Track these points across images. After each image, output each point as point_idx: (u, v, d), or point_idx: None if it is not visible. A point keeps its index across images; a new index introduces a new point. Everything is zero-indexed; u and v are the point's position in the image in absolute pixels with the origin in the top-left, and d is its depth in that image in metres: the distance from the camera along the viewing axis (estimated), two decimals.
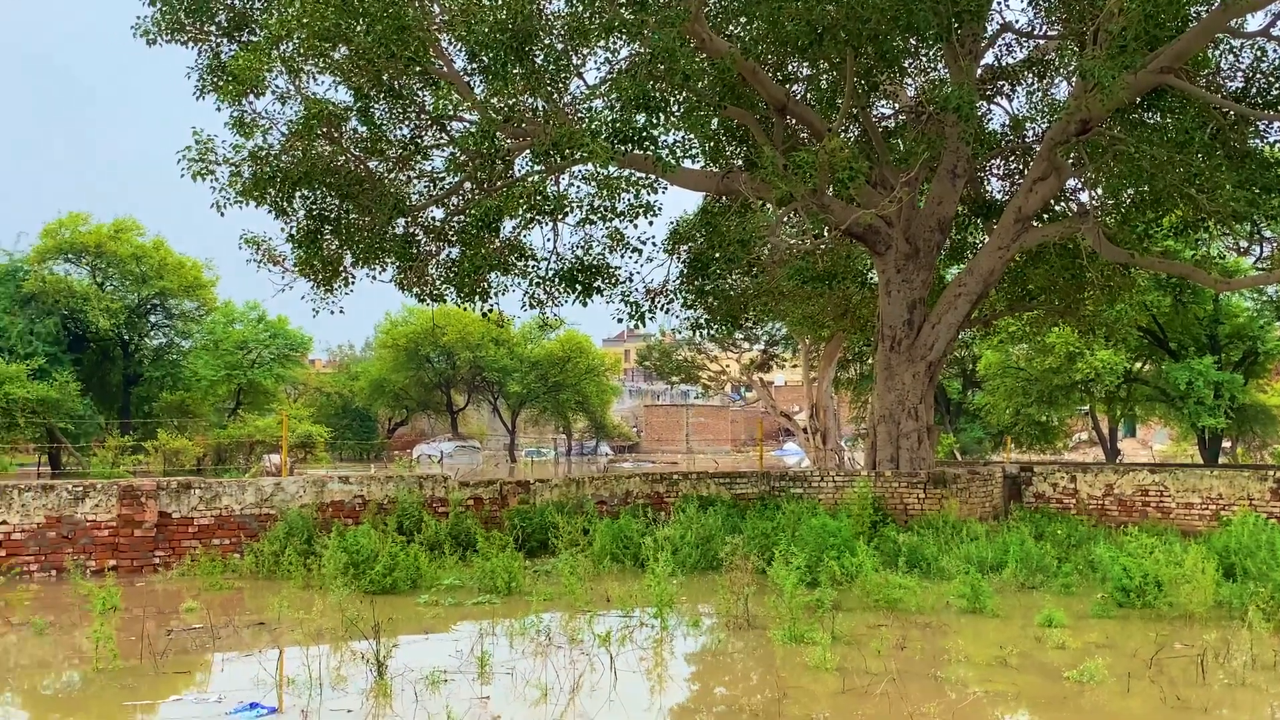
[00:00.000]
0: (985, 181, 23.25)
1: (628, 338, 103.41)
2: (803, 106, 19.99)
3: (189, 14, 18.96)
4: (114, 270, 44.58)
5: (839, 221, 18.73)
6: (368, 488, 17.30)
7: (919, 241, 20.19)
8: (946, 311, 20.18)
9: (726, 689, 9.12)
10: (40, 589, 14.20)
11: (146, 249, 44.73)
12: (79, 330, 43.66)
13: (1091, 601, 12.39)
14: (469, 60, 18.46)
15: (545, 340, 62.47)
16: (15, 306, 41.77)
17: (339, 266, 20.13)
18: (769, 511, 17.26)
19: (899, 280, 20.17)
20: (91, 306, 42.51)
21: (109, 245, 43.75)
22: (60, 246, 43.82)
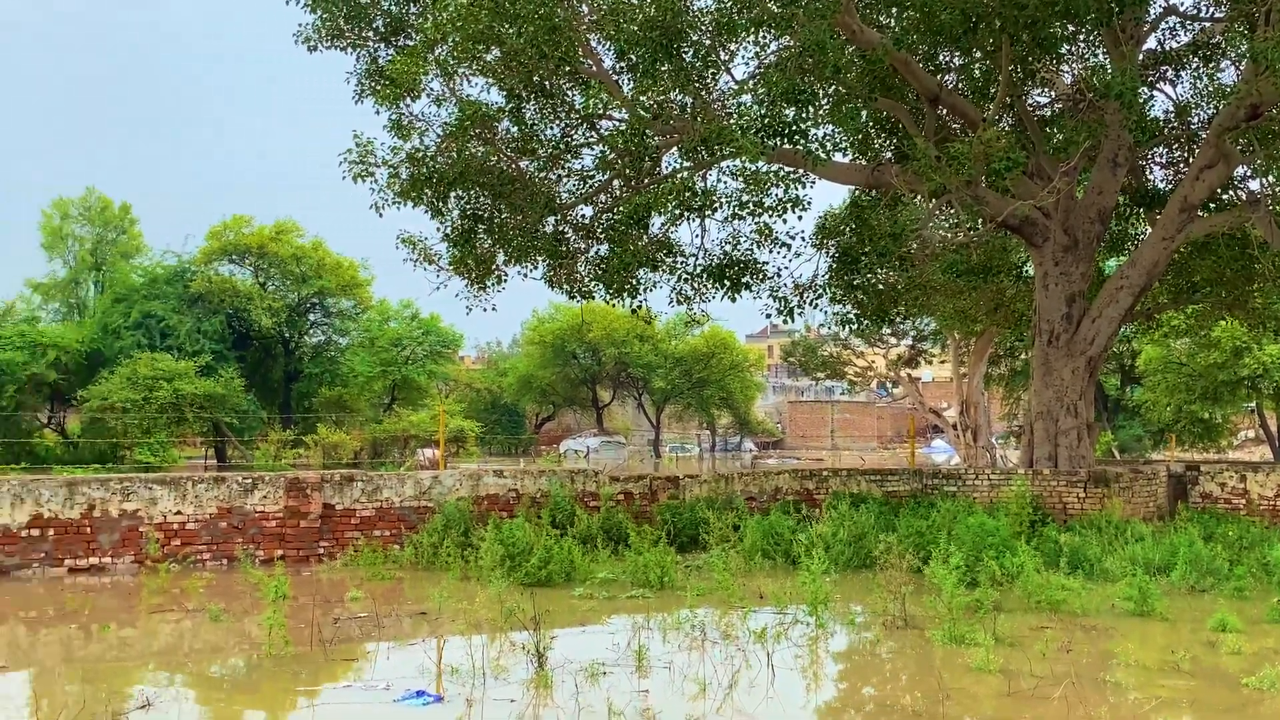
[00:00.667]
0: (1147, 170, 22.39)
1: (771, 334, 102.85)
2: (956, 96, 19.58)
3: (348, 20, 19.54)
4: (275, 270, 46.31)
5: (994, 213, 18.28)
6: (521, 481, 17.61)
7: (1078, 233, 19.55)
8: (1107, 305, 19.51)
9: (885, 689, 9.00)
10: (213, 576, 14.85)
11: (306, 249, 46.33)
12: (243, 328, 45.47)
13: (1267, 606, 11.86)
14: (617, 59, 18.61)
15: (689, 336, 62.54)
16: (184, 306, 43.70)
17: (492, 265, 20.51)
18: (923, 510, 16.95)
19: (1057, 273, 19.57)
20: (254, 305, 44.23)
21: (270, 246, 45.46)
22: (225, 248, 45.71)
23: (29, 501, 14.91)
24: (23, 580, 14.50)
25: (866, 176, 19.76)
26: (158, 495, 15.54)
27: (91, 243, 50.58)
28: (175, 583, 13.92)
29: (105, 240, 50.75)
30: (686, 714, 8.00)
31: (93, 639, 11.20)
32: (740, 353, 65.72)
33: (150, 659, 10.40)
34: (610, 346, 61.08)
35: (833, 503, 17.15)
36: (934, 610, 11.18)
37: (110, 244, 50.70)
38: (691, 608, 11.49)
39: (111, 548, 15.22)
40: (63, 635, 11.38)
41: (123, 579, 14.79)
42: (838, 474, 19.47)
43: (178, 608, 12.65)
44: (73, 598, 13.14)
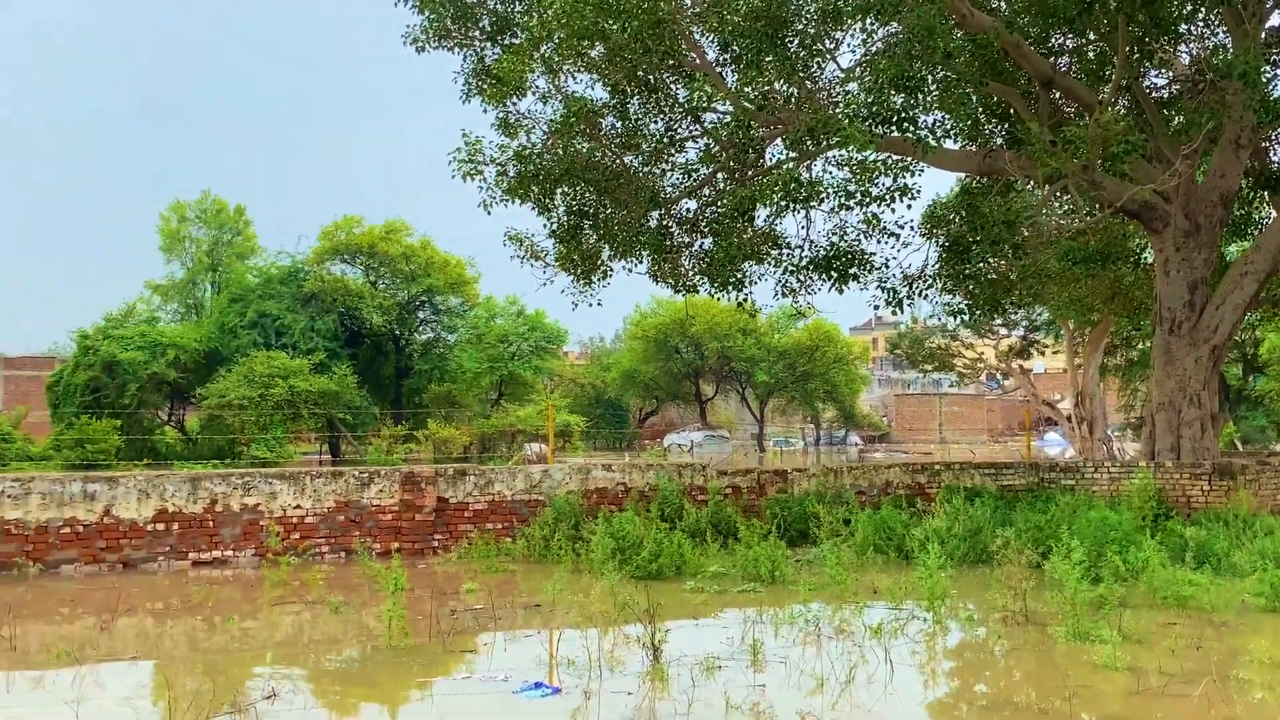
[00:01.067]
0: (1271, 152, 21.57)
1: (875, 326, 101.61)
2: (1069, 80, 19.09)
3: (455, 20, 19.79)
4: (385, 269, 47.18)
5: (1112, 198, 17.79)
6: (629, 475, 17.65)
7: (1200, 218, 18.92)
8: (1231, 292, 18.85)
9: (1008, 686, 8.81)
10: (331, 569, 15.16)
11: (415, 248, 47.11)
12: (355, 326, 46.41)
13: None
14: (721, 50, 18.53)
15: (793, 330, 62.10)
16: (297, 305, 44.76)
17: (597, 260, 20.59)
18: (1040, 504, 16.57)
19: (1178, 259, 18.96)
20: (366, 304, 45.12)
21: (380, 245, 46.32)
22: (336, 248, 46.72)
23: (154, 496, 15.40)
24: (149, 573, 14.99)
25: (977, 163, 19.38)
26: (277, 490, 15.93)
27: (208, 244, 52.10)
28: (295, 575, 14.24)
29: (221, 242, 52.23)
30: (804, 709, 7.92)
31: (217, 630, 11.51)
32: (845, 345, 65.05)
33: (273, 650, 10.65)
34: (713, 340, 60.93)
35: (946, 497, 16.85)
36: (1056, 606, 10.91)
37: (226, 245, 52.18)
38: (804, 602, 11.37)
39: (233, 541, 15.65)
40: (188, 627, 11.71)
41: (244, 571, 15.19)
42: (950, 467, 19.14)
43: (298, 600, 12.93)
44: (197, 590, 13.54)
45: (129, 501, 15.24)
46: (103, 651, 10.26)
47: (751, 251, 19.73)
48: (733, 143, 18.27)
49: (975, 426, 78.93)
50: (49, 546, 14.85)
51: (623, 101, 19.07)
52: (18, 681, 8.93)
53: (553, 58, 18.15)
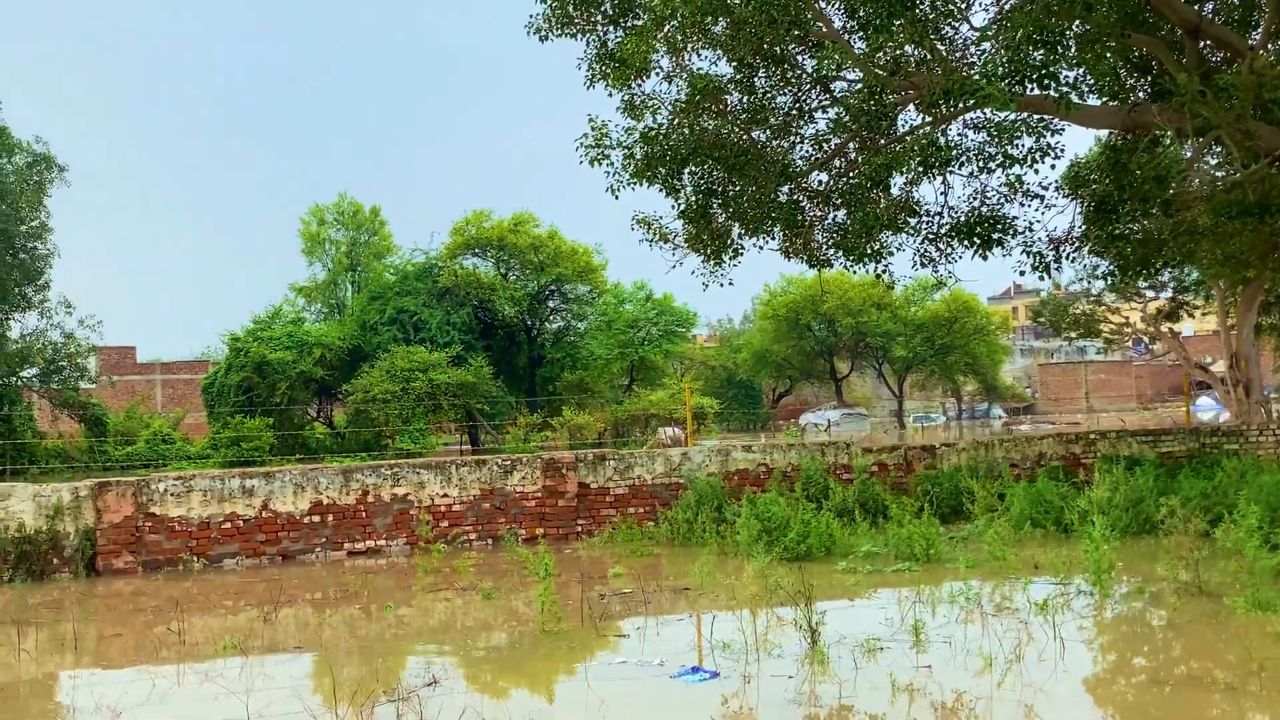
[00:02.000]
0: None
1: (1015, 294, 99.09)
2: (1217, 26, 18.10)
3: (577, 7, 19.71)
4: (515, 261, 47.70)
5: (1269, 147, 16.82)
6: (770, 456, 17.42)
7: None
8: None
9: (1188, 661, 8.35)
10: (480, 556, 15.31)
11: (542, 239, 47.51)
12: (488, 319, 47.07)
13: None
14: (848, 17, 18.11)
15: (930, 301, 60.87)
16: (433, 300, 45.57)
17: (727, 239, 20.35)
18: (1204, 470, 15.83)
19: None
20: (498, 296, 45.71)
21: (509, 238, 46.84)
22: (467, 242, 47.41)
23: (309, 490, 15.76)
24: (307, 564, 15.35)
25: (1122, 119, 18.53)
26: (425, 479, 16.16)
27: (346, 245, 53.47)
28: (446, 562, 14.41)
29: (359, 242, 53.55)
30: (973, 689, 7.63)
31: (374, 618, 11.67)
32: (984, 315, 63.53)
33: (430, 637, 10.76)
34: (846, 316, 60.13)
35: (1104, 466, 16.21)
36: (1230, 576, 10.37)
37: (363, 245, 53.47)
38: (963, 580, 11.01)
39: (385, 530, 15.93)
40: (346, 616, 11.92)
41: (397, 560, 15.45)
42: (1106, 436, 18.43)
43: (450, 586, 13.07)
44: (353, 579, 13.80)
45: (285, 495, 15.63)
46: (266, 642, 10.49)
47: (888, 221, 19.26)
48: (864, 111, 17.81)
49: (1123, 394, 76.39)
50: (211, 541, 15.32)
51: (748, 76, 18.78)
52: (188, 674, 9.17)
53: (676, 36, 17.94)
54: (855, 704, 7.43)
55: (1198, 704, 7.22)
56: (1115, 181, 18.99)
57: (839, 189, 20.01)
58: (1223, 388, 36.43)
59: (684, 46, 18.47)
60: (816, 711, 7.41)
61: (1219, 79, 15.46)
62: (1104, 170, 19.65)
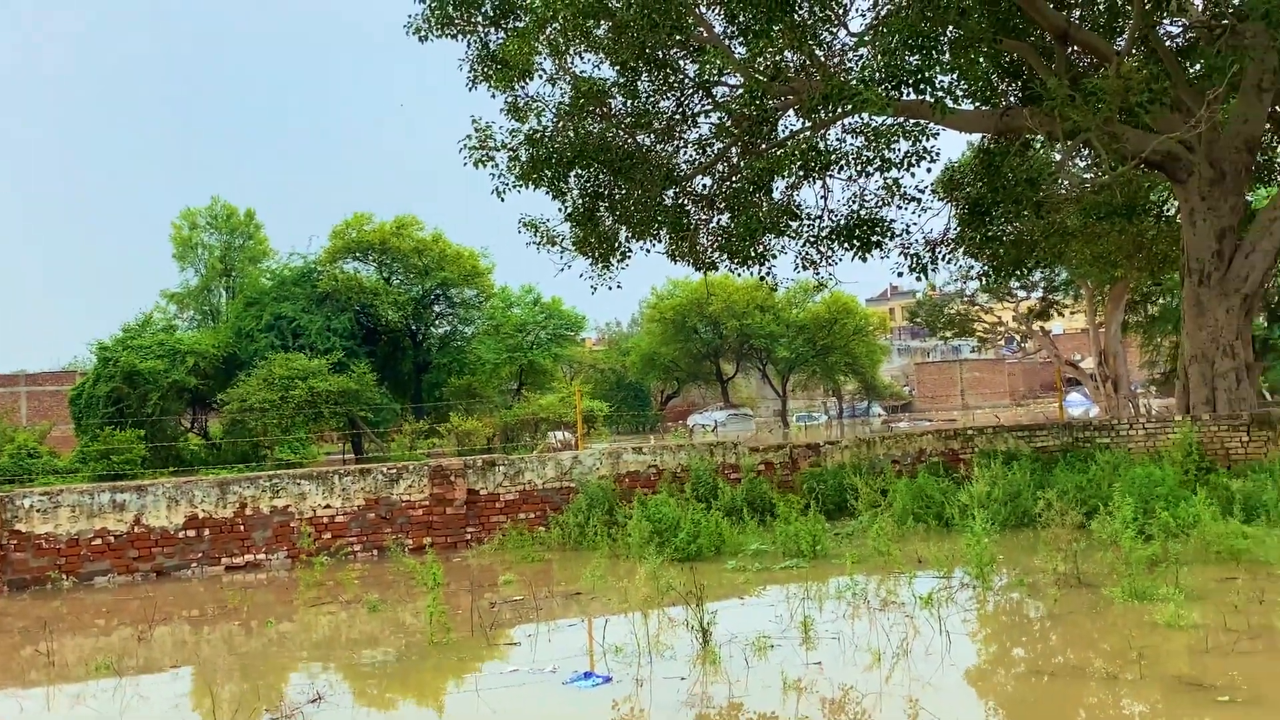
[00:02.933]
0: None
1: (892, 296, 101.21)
2: (1085, 32, 18.75)
3: (457, 7, 19.54)
4: (398, 265, 47.01)
5: (1134, 150, 17.47)
6: (661, 457, 17.46)
7: (1224, 165, 18.58)
8: (1261, 239, 18.52)
9: (1071, 650, 8.57)
10: (365, 567, 15.01)
11: (426, 242, 46.93)
12: (371, 324, 46.30)
13: None
14: (728, 22, 18.28)
15: (811, 303, 61.84)
16: (312, 305, 44.64)
17: (615, 242, 20.41)
18: (1078, 463, 16.33)
19: (1204, 209, 18.63)
20: (381, 300, 44.98)
21: (392, 242, 46.15)
22: (348, 246, 46.56)
23: (184, 503, 15.27)
24: (183, 580, 14.87)
25: (994, 122, 19.07)
26: (306, 490, 15.79)
27: (220, 250, 52.07)
28: (329, 575, 14.10)
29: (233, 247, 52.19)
30: (862, 684, 7.72)
31: (255, 634, 11.35)
32: (863, 317, 64.77)
33: (314, 652, 10.50)
34: (731, 319, 60.72)
35: (982, 461, 16.60)
36: (1107, 566, 10.70)
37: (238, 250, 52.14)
38: (850, 575, 11.16)
39: (265, 544, 15.52)
40: (225, 632, 11.57)
41: (278, 574, 15.06)
42: (983, 432, 18.88)
43: (334, 600, 12.77)
44: (232, 594, 13.40)
45: (159, 509, 15.12)
46: (142, 662, 10.12)
47: (771, 224, 19.53)
48: (746, 115, 18.02)
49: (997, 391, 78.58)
50: (81, 559, 14.74)
51: (632, 80, 18.85)
52: (58, 697, 8.79)
53: (558, 39, 17.93)
54: (747, 703, 7.46)
55: (1077, 692, 7.41)
56: (988, 184, 19.54)
57: (723, 193, 20.22)
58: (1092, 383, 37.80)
59: (566, 49, 18.47)
60: (708, 712, 7.41)
61: (1087, 84, 16.00)
62: (977, 173, 20.21)
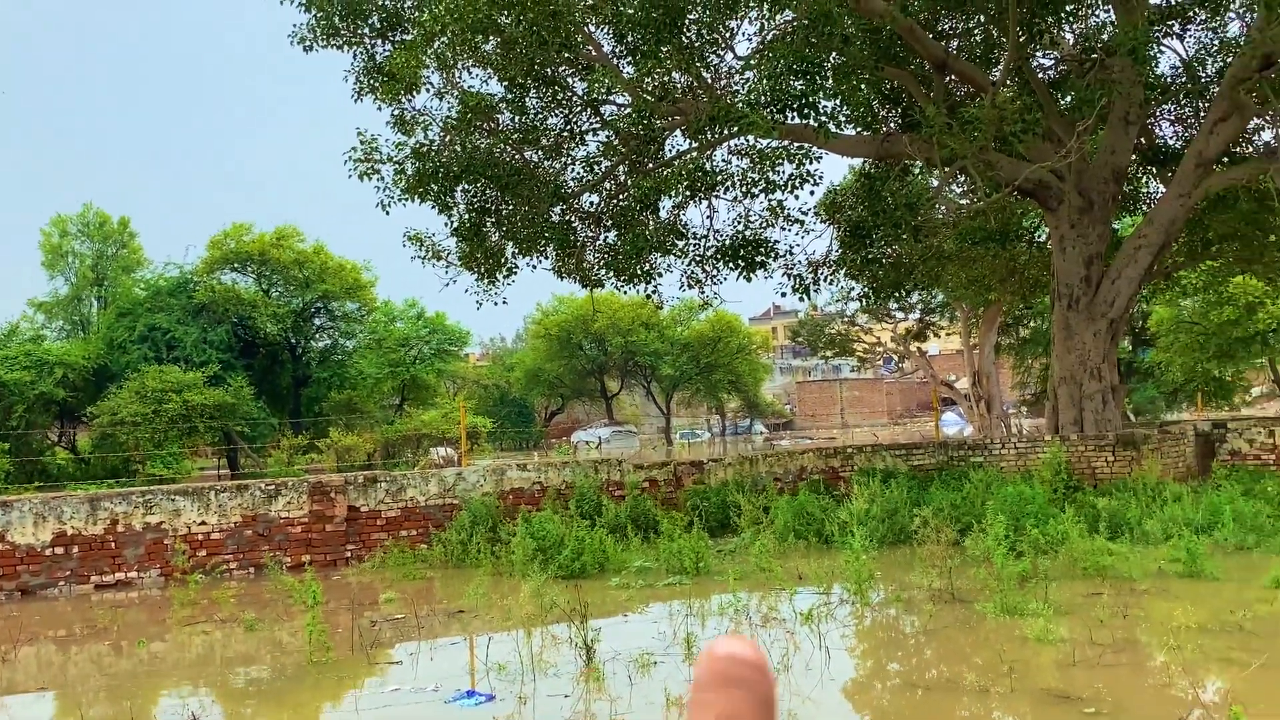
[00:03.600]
0: (1158, 127, 22.18)
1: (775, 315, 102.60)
2: (962, 62, 19.33)
3: (343, 18, 19.31)
4: (278, 277, 46.00)
5: (1008, 178, 18.07)
6: (545, 474, 17.41)
7: (1093, 194, 19.32)
8: (1126, 265, 19.29)
9: (945, 664, 8.80)
10: (241, 586, 14.66)
11: (308, 254, 46.04)
12: (249, 336, 45.22)
13: None
14: (617, 42, 18.40)
15: (695, 321, 62.34)
16: (188, 317, 43.44)
17: (501, 257, 20.33)
18: (953, 482, 16.77)
19: (1074, 236, 19.34)
20: (259, 313, 43.97)
21: (272, 253, 45.17)
22: (226, 257, 45.41)
23: (51, 519, 14.73)
24: (49, 599, 14.34)
25: (875, 148, 19.53)
26: (181, 506, 15.36)
27: (92, 259, 50.28)
28: (204, 594, 13.73)
29: (106, 255, 50.44)
30: None
31: (125, 655, 11.00)
32: (746, 335, 65.52)
33: (187, 672, 10.21)
34: (616, 336, 60.87)
35: (861, 479, 16.94)
36: (980, 582, 11.00)
37: (111, 259, 50.40)
38: (732, 592, 11.29)
39: (137, 562, 15.05)
40: (94, 653, 11.19)
41: (150, 593, 14.62)
42: (862, 450, 19.27)
43: (209, 619, 12.45)
44: (102, 614, 12.96)
45: (24, 526, 14.55)
46: (5, 684, 9.73)
47: (657, 243, 19.68)
48: (633, 134, 18.15)
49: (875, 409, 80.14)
50: None
51: (520, 96, 18.83)
52: None
53: (446, 53, 17.80)
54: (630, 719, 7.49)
55: (950, 705, 7.60)
56: (869, 208, 19.98)
57: (610, 210, 20.30)
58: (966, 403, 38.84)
59: (454, 64, 18.36)
60: None
61: (964, 112, 16.49)
62: (859, 197, 20.66)
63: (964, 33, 20.49)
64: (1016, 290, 26.12)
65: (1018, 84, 20.15)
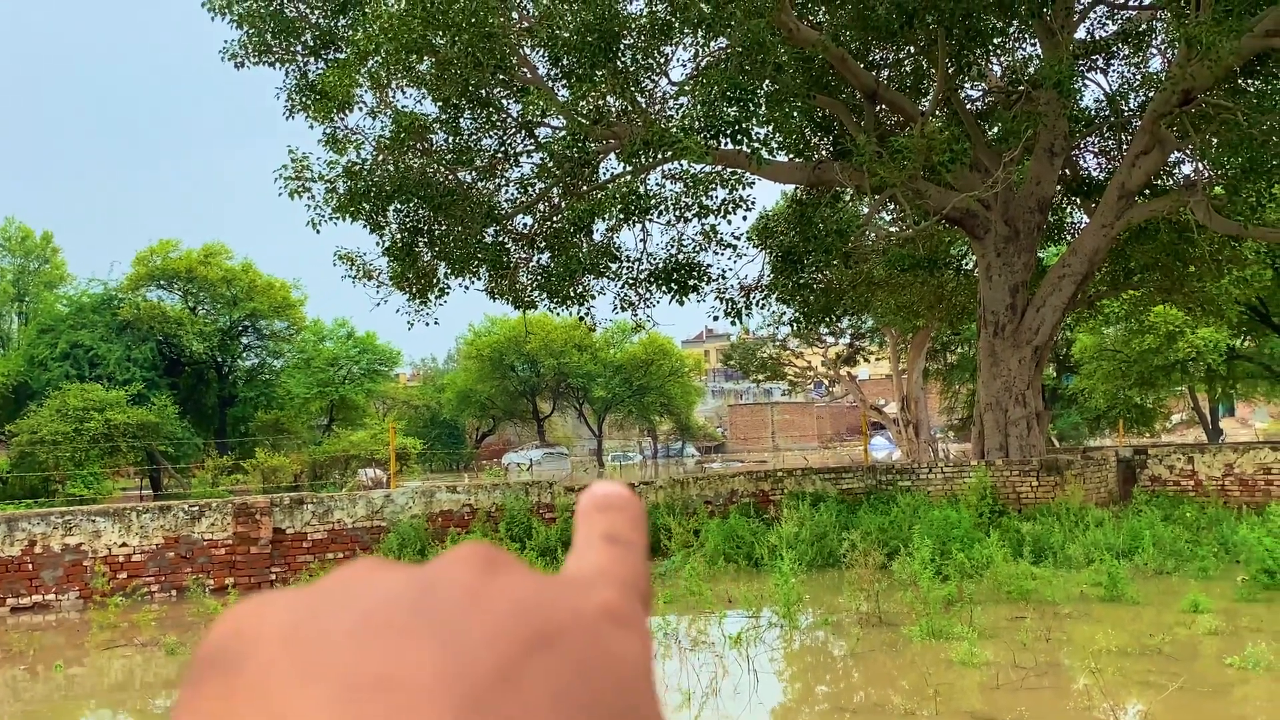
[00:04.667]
0: (1081, 159, 22.70)
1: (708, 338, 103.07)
2: (893, 92, 19.65)
3: (275, 35, 19.15)
4: (205, 294, 45.36)
5: (936, 206, 18.37)
6: (475, 496, 17.31)
7: (1018, 223, 19.71)
8: (1050, 294, 19.68)
9: (871, 687, 8.87)
10: (163, 608, 14.36)
11: (236, 272, 45.46)
12: (174, 355, 44.49)
13: (1233, 585, 11.93)
14: (552, 65, 18.44)
15: (628, 344, 62.42)
16: (112, 334, 42.64)
17: (433, 278, 20.22)
18: (881, 506, 16.94)
19: (1000, 264, 19.70)
20: (185, 331, 43.29)
21: (199, 270, 44.54)
22: (152, 273, 44.69)
23: None
24: None
25: (807, 175, 19.75)
26: (101, 528, 15.03)
27: (13, 273, 49.23)
28: (124, 616, 13.40)
29: (27, 270, 49.42)
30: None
31: (41, 679, 10.73)
32: (679, 358, 65.71)
33: (106, 697, 9.99)
34: (549, 357, 60.73)
35: (791, 503, 17.05)
36: (907, 605, 11.10)
37: (32, 274, 49.39)
38: (661, 615, 11.28)
39: (55, 584, 14.69)
40: (9, 677, 10.90)
41: (69, 615, 14.27)
42: (792, 474, 19.40)
43: (129, 642, 12.19)
44: (17, 637, 12.63)
45: None
46: None
47: (590, 265, 19.70)
48: (567, 157, 18.17)
49: (806, 433, 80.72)
50: None
51: (454, 116, 18.78)
52: None
53: (379, 72, 17.72)
54: None
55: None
56: (801, 234, 20.18)
57: (543, 232, 20.29)
58: (895, 428, 39.25)
59: (388, 83, 18.27)
60: None
61: (894, 141, 16.75)
62: (790, 223, 20.87)
63: (894, 63, 20.83)
64: (944, 316, 26.52)
65: (946, 114, 20.53)
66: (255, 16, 18.83)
